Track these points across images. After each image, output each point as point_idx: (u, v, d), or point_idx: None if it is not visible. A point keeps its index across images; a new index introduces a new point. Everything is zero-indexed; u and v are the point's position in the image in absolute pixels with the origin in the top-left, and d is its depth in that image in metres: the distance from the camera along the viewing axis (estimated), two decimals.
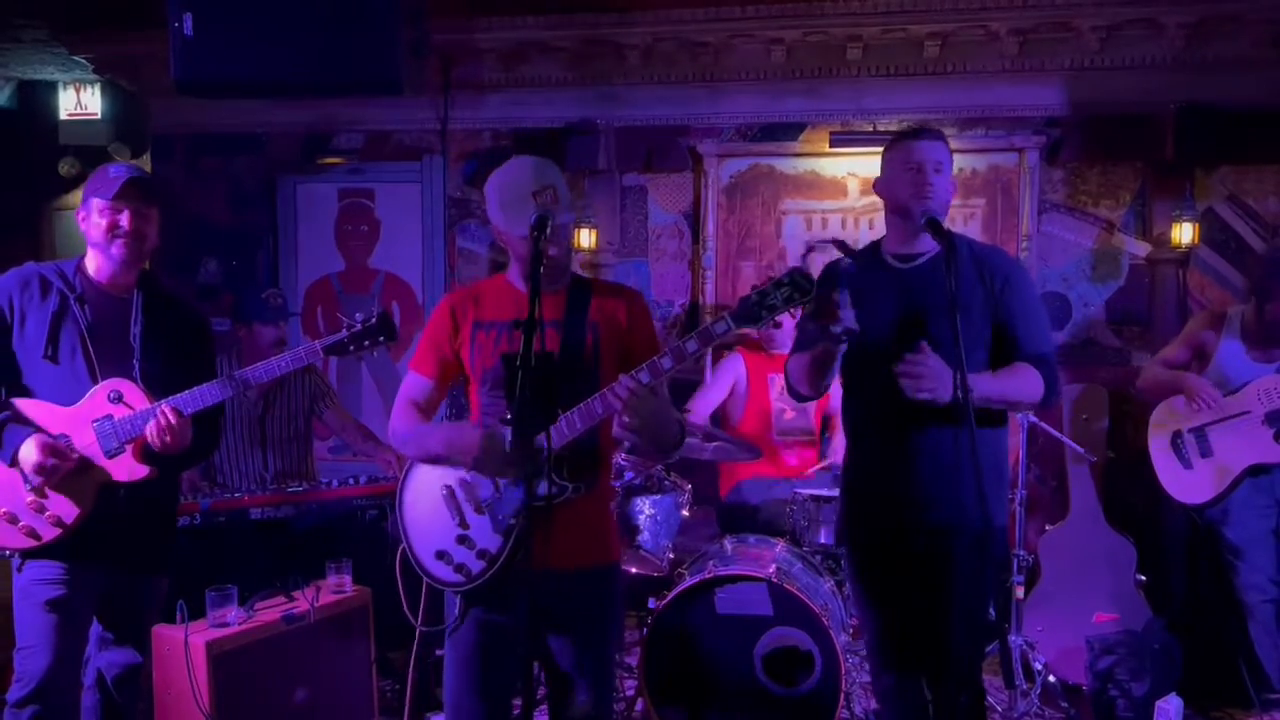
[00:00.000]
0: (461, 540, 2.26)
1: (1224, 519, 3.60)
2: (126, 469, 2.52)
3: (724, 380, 4.29)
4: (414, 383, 2.40)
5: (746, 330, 2.16)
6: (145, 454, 2.53)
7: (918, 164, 2.49)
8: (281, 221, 5.49)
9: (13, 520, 2.48)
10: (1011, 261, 2.66)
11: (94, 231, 2.56)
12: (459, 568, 2.26)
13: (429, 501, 2.31)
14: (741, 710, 3.32)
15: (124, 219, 2.55)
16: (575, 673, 2.29)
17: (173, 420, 2.46)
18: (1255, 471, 3.53)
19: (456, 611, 2.29)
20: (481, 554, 2.24)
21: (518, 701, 2.30)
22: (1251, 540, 3.55)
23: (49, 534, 2.49)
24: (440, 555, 2.28)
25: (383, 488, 3.73)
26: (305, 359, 2.64)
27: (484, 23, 4.92)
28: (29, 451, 2.42)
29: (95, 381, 2.53)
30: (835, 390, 4.23)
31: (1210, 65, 4.56)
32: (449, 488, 2.29)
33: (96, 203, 2.55)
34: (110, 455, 2.51)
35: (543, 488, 2.16)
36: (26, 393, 2.54)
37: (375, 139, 5.40)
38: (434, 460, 2.32)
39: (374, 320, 2.62)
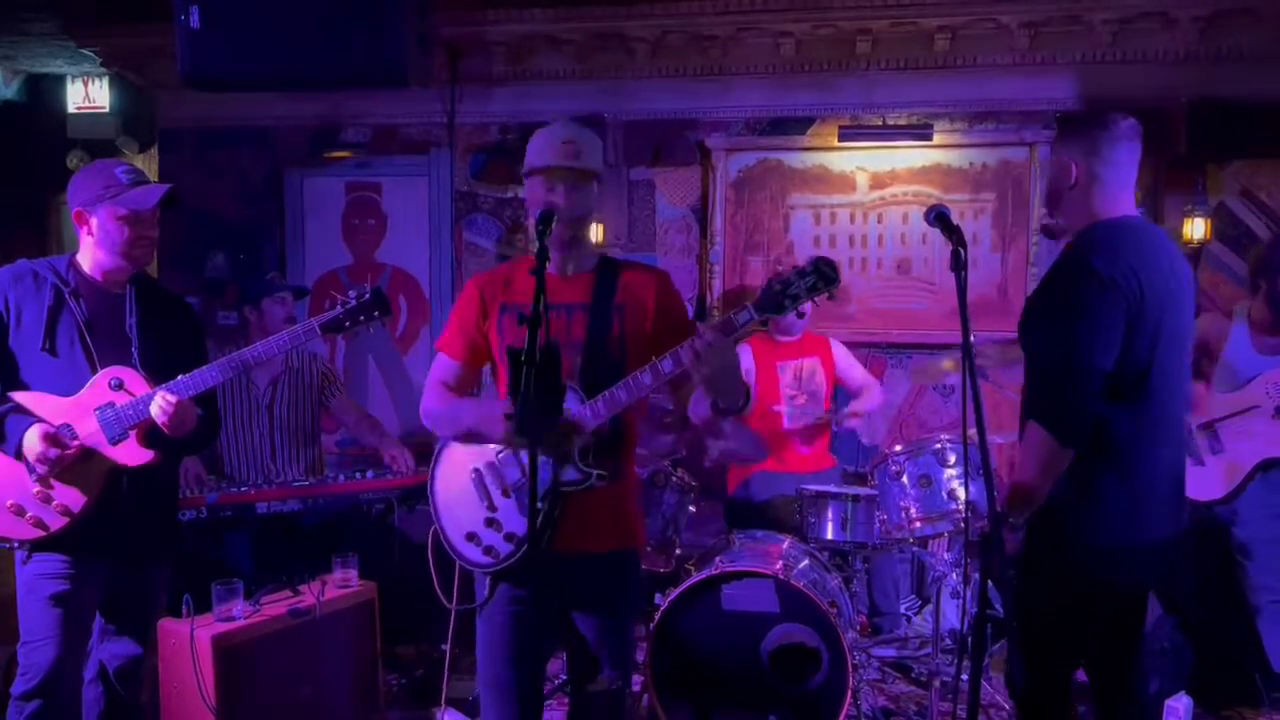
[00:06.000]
0: (490, 523, 2.30)
1: (1234, 518, 3.57)
2: (131, 454, 2.53)
3: None
4: (443, 364, 2.42)
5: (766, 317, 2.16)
6: (149, 439, 2.54)
7: None
8: (288, 215, 5.47)
9: (20, 512, 2.49)
10: None
11: (106, 236, 2.54)
12: (488, 549, 2.30)
13: (459, 484, 2.35)
14: (748, 707, 3.31)
15: (149, 229, 2.56)
16: (598, 650, 2.33)
17: (176, 403, 2.46)
18: (1266, 466, 3.51)
19: (485, 590, 2.34)
20: (509, 537, 2.28)
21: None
22: (1260, 541, 3.53)
23: (57, 523, 2.50)
24: (470, 537, 2.32)
25: (390, 482, 3.71)
26: (303, 337, 2.64)
27: (491, 15, 4.90)
28: (32, 441, 2.43)
29: (95, 372, 2.53)
30: (842, 358, 4.29)
31: (1223, 59, 4.52)
32: (477, 470, 2.33)
33: (112, 209, 2.52)
34: (115, 442, 2.51)
35: (571, 474, 2.20)
36: (25, 388, 2.53)
37: (382, 133, 5.39)
38: (467, 436, 2.33)
39: (368, 295, 2.64)
